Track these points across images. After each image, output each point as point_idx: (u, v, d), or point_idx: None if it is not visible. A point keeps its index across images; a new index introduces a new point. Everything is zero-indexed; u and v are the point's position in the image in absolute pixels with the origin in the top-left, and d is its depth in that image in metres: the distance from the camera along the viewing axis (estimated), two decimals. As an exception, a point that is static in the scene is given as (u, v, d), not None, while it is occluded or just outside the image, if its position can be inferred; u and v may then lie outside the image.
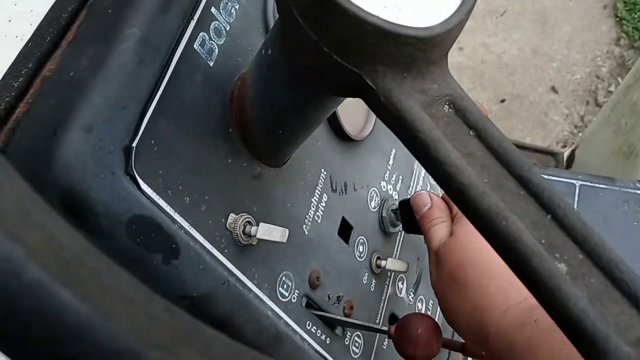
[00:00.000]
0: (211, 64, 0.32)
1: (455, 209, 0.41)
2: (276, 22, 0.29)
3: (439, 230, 0.40)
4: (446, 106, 0.23)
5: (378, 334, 0.46)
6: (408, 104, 0.22)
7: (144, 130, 0.28)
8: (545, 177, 0.39)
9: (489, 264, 0.19)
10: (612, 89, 1.51)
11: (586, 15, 1.62)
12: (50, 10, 0.30)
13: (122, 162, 0.27)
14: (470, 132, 0.23)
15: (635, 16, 1.59)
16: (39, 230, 0.12)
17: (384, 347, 0.47)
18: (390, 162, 0.49)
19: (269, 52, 0.29)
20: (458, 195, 0.21)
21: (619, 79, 1.53)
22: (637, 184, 0.62)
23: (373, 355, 0.46)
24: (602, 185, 0.63)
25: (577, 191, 0.62)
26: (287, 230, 0.33)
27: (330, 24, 0.22)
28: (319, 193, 0.40)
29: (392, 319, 0.48)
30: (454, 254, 0.36)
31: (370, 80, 0.23)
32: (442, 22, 0.22)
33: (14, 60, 0.28)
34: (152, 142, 0.29)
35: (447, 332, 0.52)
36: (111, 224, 0.26)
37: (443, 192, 0.44)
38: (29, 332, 0.11)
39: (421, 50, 0.22)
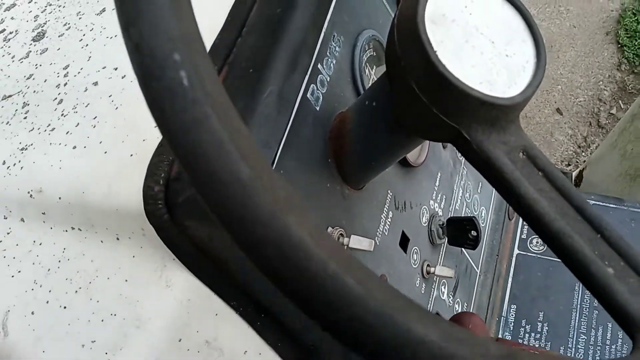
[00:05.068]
0: (317, 108, 0.41)
1: None
2: (379, 81, 0.37)
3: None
4: (521, 153, 0.32)
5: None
6: (495, 152, 0.31)
7: (276, 164, 0.36)
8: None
9: None
10: (613, 111, 1.60)
11: (589, 42, 1.72)
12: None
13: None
14: (539, 173, 0.31)
15: (636, 43, 1.68)
16: (334, 247, 0.20)
17: (431, 342, 0.55)
18: (437, 184, 0.58)
19: (373, 104, 0.37)
20: (535, 220, 0.29)
21: (620, 102, 1.62)
22: (644, 205, 0.71)
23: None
24: (612, 205, 0.72)
25: (589, 210, 0.71)
26: (373, 241, 0.42)
27: (442, 94, 0.30)
28: (386, 210, 0.49)
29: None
30: None
31: (467, 134, 0.31)
32: (520, 92, 0.31)
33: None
34: (281, 172, 0.37)
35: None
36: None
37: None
38: (332, 307, 0.19)
39: (505, 113, 0.31)
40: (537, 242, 0.71)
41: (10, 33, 0.50)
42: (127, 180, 0.36)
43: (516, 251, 0.71)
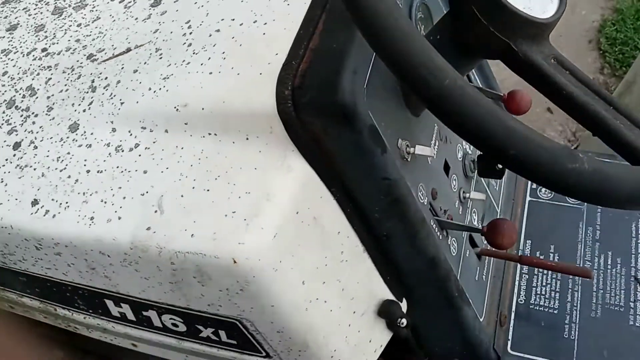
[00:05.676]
0: (390, 47, 0.54)
1: None
2: (440, 22, 0.50)
3: None
4: (553, 60, 0.44)
5: (465, 241, 0.66)
6: (536, 58, 0.44)
7: (366, 85, 0.49)
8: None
9: None
10: (598, 109, 1.75)
11: (574, 49, 1.88)
12: (305, 16, 0.51)
13: (365, 95, 0.47)
14: (567, 72, 0.44)
15: (616, 49, 1.85)
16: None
17: (467, 255, 0.67)
18: (467, 129, 0.71)
19: (437, 37, 0.50)
20: (566, 99, 0.42)
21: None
22: (633, 157, 0.84)
23: (462, 256, 0.66)
24: (607, 160, 0.85)
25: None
26: (433, 150, 0.54)
27: (498, 15, 0.43)
28: (434, 138, 0.61)
29: (470, 238, 0.69)
30: None
31: (515, 46, 0.44)
32: (552, 14, 0.44)
33: (294, 41, 0.49)
34: (364, 92, 0.49)
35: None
36: (362, 125, 0.47)
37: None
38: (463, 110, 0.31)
39: (542, 30, 0.44)
40: (545, 191, 0.84)
41: (129, 2, 0.63)
42: (260, 90, 0.48)
43: (528, 198, 0.84)
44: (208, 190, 0.49)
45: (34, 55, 0.61)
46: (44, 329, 0.94)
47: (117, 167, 0.52)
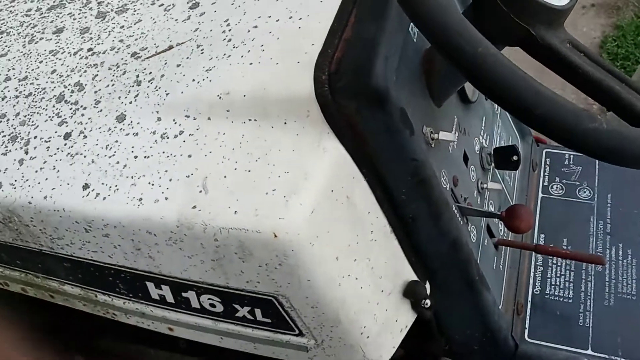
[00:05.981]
0: (414, 40, 0.58)
1: None
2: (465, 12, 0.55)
3: None
4: (568, 43, 0.49)
5: (484, 230, 0.70)
6: (554, 42, 0.48)
7: (396, 71, 0.53)
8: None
9: None
10: (602, 122, 1.80)
11: (577, 64, 1.94)
12: (338, 11, 0.55)
13: (394, 82, 0.51)
14: (581, 53, 0.48)
15: (618, 64, 1.90)
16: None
17: (485, 244, 0.71)
18: (483, 125, 0.75)
19: (460, 29, 0.54)
20: (582, 76, 0.46)
21: (606, 114, 1.82)
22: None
23: (481, 244, 0.69)
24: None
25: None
26: (455, 135, 0.58)
27: (519, 3, 0.47)
28: (454, 129, 0.65)
29: (487, 228, 0.72)
30: None
31: (533, 31, 0.48)
32: (568, 2, 0.48)
33: (328, 33, 0.53)
34: (395, 78, 0.53)
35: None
36: (394, 108, 0.51)
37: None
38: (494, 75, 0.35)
39: (558, 16, 0.48)
40: (556, 187, 0.87)
41: (169, 6, 0.67)
42: (298, 77, 0.52)
43: (540, 195, 0.87)
44: (249, 171, 0.52)
45: (80, 55, 0.65)
46: (64, 336, 0.98)
47: (163, 152, 0.55)
